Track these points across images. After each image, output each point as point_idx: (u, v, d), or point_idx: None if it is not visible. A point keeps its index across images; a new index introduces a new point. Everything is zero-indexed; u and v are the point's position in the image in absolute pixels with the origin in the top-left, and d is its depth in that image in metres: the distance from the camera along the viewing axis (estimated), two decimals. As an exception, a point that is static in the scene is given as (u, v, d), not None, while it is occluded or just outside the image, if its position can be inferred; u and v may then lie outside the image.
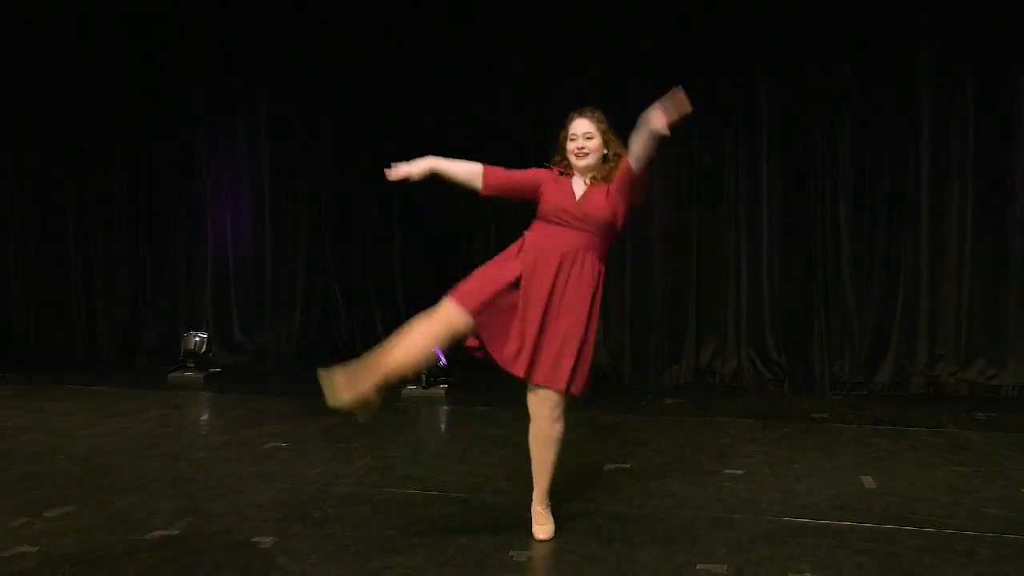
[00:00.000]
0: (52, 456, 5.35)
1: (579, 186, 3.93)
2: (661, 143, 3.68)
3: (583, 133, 3.91)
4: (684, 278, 7.44)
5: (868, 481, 4.79)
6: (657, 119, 3.61)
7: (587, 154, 3.89)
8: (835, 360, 7.13)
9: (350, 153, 8.04)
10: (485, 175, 4.00)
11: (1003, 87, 6.82)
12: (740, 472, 4.97)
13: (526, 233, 3.97)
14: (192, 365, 7.76)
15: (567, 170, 3.97)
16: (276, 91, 8.22)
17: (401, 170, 3.94)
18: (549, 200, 3.91)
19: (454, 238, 7.92)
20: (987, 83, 6.84)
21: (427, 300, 7.90)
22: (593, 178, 3.91)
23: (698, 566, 3.67)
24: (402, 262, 8.08)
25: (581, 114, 3.95)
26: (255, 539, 3.99)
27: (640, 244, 7.45)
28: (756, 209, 7.30)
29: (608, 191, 3.86)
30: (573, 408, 3.89)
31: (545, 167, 4.01)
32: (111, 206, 8.53)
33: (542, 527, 3.93)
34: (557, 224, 3.88)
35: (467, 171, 4.01)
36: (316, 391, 3.56)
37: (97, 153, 8.48)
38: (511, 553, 3.82)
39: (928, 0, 6.85)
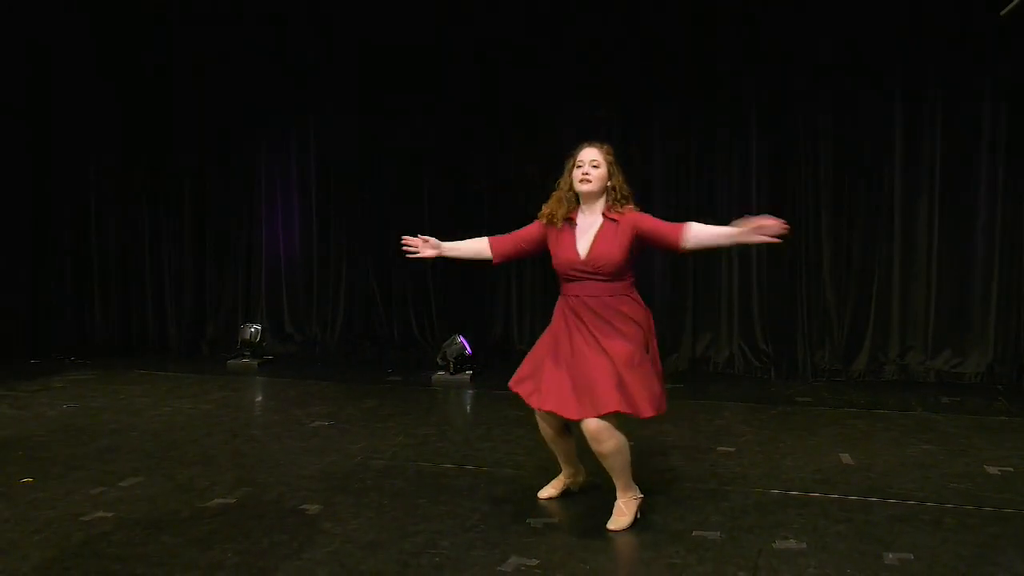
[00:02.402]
0: (127, 433, 5.39)
1: (583, 235, 3.73)
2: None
3: (589, 161, 3.72)
4: (682, 277, 7.40)
5: (846, 458, 4.75)
6: (756, 233, 3.63)
7: (590, 181, 3.70)
8: (816, 350, 7.08)
9: (387, 169, 8.02)
10: (492, 246, 3.92)
11: (965, 110, 6.74)
12: (732, 450, 4.95)
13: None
14: (248, 353, 7.78)
15: (559, 216, 3.76)
16: (325, 113, 8.21)
17: (422, 252, 3.90)
18: (558, 256, 3.75)
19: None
20: (952, 105, 6.77)
21: (453, 297, 7.96)
22: (606, 215, 3.71)
23: (694, 533, 3.66)
24: (433, 264, 8.06)
25: (590, 144, 3.79)
26: (303, 506, 4.01)
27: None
28: (746, 215, 7.23)
29: (616, 232, 3.68)
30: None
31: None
32: (180, 217, 8.55)
33: (613, 518, 3.75)
34: (572, 280, 3.72)
35: (474, 248, 3.95)
36: (356, 376, 3.58)
37: (169, 168, 8.50)
38: (528, 520, 3.82)
39: (900, 35, 6.79)
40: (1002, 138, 6.70)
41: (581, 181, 3.71)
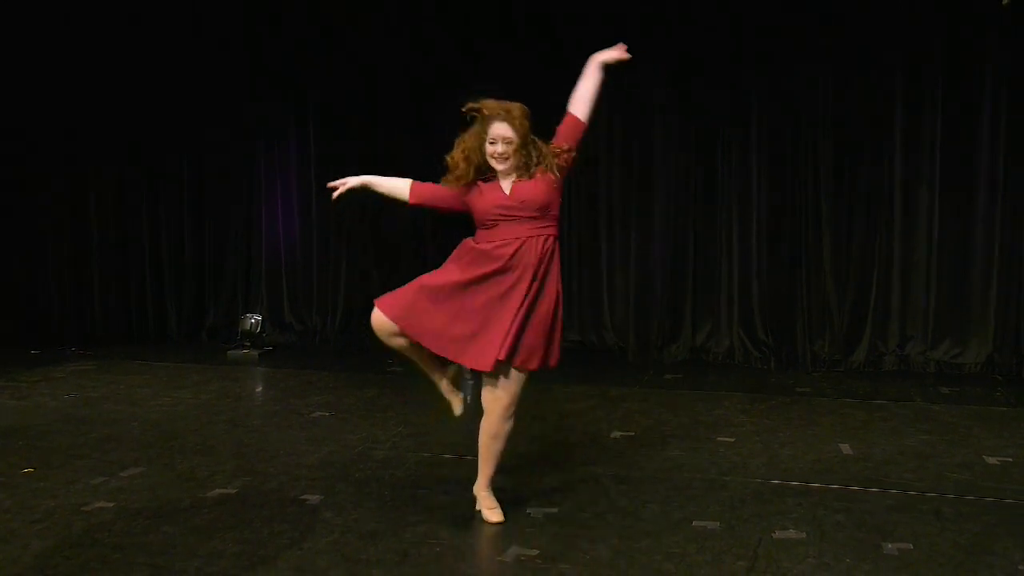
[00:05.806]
0: (127, 423, 5.39)
1: (506, 184, 3.55)
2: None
3: (503, 138, 3.47)
4: (682, 267, 7.39)
5: (845, 448, 4.76)
6: (603, 54, 3.57)
7: (508, 158, 3.49)
8: (816, 341, 7.08)
9: (386, 155, 8.01)
10: (412, 187, 3.72)
11: (965, 101, 6.73)
12: (731, 440, 4.96)
13: (468, 241, 3.70)
14: (248, 344, 7.77)
15: (489, 176, 3.58)
16: (325, 102, 8.19)
17: (341, 186, 3.77)
18: (480, 206, 3.57)
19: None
20: (952, 98, 6.75)
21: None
22: (519, 176, 3.53)
23: (694, 523, 3.67)
24: (434, 254, 8.06)
25: (499, 116, 3.48)
26: (304, 496, 4.01)
27: (643, 236, 7.43)
28: (746, 206, 7.24)
29: (539, 179, 3.51)
30: (584, 382, 3.84)
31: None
32: (179, 206, 8.54)
33: (493, 510, 3.72)
34: (498, 222, 3.53)
35: (397, 185, 3.77)
36: (356, 366, 3.59)
37: (167, 156, 8.47)
38: (528, 510, 3.82)
39: (900, 24, 6.77)
40: (1003, 128, 6.69)
41: (497, 160, 3.52)
